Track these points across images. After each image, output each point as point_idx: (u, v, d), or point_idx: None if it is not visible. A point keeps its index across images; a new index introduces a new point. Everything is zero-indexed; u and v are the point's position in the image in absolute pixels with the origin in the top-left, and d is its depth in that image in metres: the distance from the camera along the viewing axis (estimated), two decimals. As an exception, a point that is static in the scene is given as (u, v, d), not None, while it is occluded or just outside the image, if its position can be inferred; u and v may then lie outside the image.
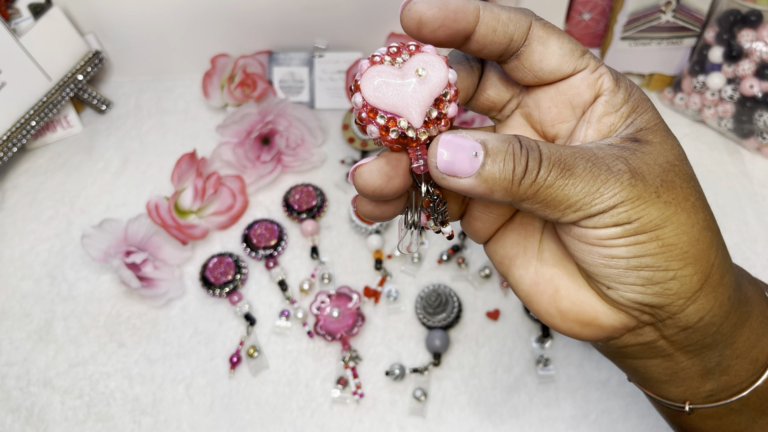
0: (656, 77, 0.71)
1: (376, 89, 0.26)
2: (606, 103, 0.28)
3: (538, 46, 0.27)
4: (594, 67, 0.28)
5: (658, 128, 0.28)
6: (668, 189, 0.26)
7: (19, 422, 0.56)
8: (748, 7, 0.62)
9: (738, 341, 0.30)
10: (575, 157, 0.26)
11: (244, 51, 0.74)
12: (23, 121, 0.67)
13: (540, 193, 0.25)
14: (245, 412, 0.56)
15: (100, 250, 0.60)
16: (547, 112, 0.29)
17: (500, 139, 0.26)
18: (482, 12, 0.26)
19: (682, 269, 0.26)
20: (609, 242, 0.26)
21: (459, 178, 0.26)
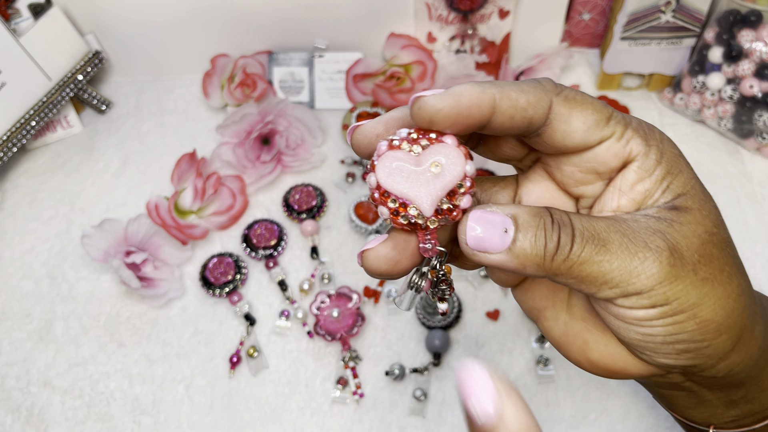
0: (656, 77, 0.71)
1: (390, 174, 0.26)
2: (638, 168, 0.26)
3: (560, 125, 0.26)
4: (621, 133, 0.26)
5: (695, 191, 0.27)
6: (706, 264, 0.25)
7: (19, 422, 0.56)
8: (748, 7, 0.62)
9: (765, 378, 0.30)
10: (610, 231, 0.25)
11: (244, 51, 0.74)
12: (23, 121, 0.67)
13: (574, 270, 0.25)
14: (245, 412, 0.56)
15: (100, 250, 0.60)
16: (571, 176, 0.28)
17: (531, 213, 0.25)
18: (498, 102, 0.25)
19: (716, 339, 0.26)
20: (646, 322, 0.26)
21: (490, 254, 0.25)
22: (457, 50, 0.72)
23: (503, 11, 0.69)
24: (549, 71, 0.71)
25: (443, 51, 0.72)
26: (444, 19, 0.70)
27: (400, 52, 0.71)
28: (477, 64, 0.72)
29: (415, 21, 0.71)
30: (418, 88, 0.70)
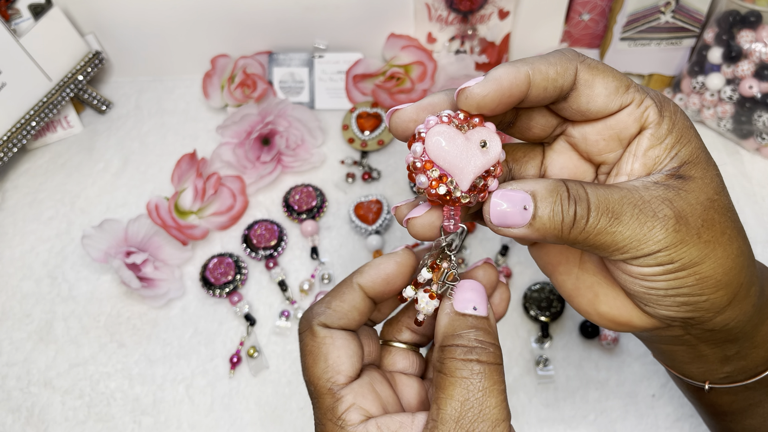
0: (655, 78, 0.71)
1: (438, 145, 0.28)
2: (651, 136, 0.29)
3: (584, 90, 0.29)
4: (639, 100, 0.29)
5: (700, 161, 0.29)
6: (708, 228, 0.28)
7: (19, 422, 0.56)
8: (748, 7, 0.62)
9: (758, 336, 0.32)
10: (623, 203, 0.27)
11: (244, 51, 0.74)
12: (23, 121, 0.67)
13: (590, 239, 0.27)
14: (245, 413, 0.56)
15: (101, 250, 0.60)
16: (595, 145, 0.31)
17: (548, 189, 0.27)
18: (532, 77, 0.27)
19: (714, 293, 0.29)
20: (651, 277, 0.28)
21: (512, 228, 0.28)
22: (457, 51, 0.72)
23: (503, 12, 0.69)
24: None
25: (443, 51, 0.72)
26: (444, 19, 0.70)
27: (400, 53, 0.72)
28: (477, 65, 0.72)
29: (415, 21, 0.71)
30: (417, 88, 0.70)
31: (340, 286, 0.31)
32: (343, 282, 0.31)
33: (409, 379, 0.34)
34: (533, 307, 0.59)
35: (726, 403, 0.37)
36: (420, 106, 0.29)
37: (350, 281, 0.31)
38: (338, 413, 0.29)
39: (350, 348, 0.30)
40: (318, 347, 0.30)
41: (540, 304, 0.59)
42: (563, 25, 0.71)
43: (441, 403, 0.27)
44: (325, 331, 0.31)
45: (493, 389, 0.27)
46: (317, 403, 0.30)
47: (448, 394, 0.27)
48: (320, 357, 0.30)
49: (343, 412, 0.29)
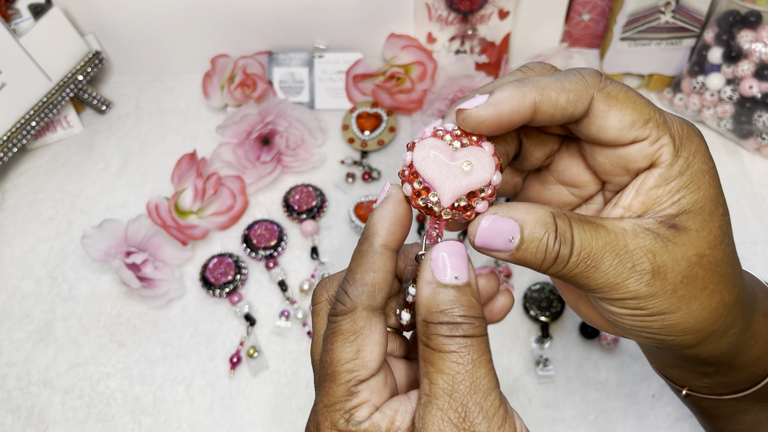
0: (656, 78, 0.71)
1: (425, 158, 0.28)
2: (659, 176, 0.28)
3: (596, 120, 0.28)
4: (655, 137, 0.28)
5: (703, 211, 0.28)
6: (687, 284, 0.28)
7: (19, 422, 0.56)
8: (748, 7, 0.62)
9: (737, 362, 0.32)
10: (605, 252, 0.27)
11: (244, 51, 0.74)
12: (23, 121, 0.67)
13: (565, 276, 0.28)
14: (245, 413, 0.56)
15: (101, 250, 0.60)
16: (601, 166, 0.30)
17: (538, 221, 0.27)
18: (539, 104, 0.27)
19: (681, 336, 0.29)
20: (619, 318, 0.29)
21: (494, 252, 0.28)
22: (457, 51, 0.72)
23: (503, 12, 0.69)
24: (549, 72, 0.71)
25: (443, 51, 0.72)
26: (444, 19, 0.70)
27: (400, 53, 0.72)
28: (477, 65, 0.72)
29: (415, 21, 0.71)
30: (417, 88, 0.70)
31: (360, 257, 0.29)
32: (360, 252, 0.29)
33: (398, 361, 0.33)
34: (533, 307, 0.59)
35: (710, 407, 0.37)
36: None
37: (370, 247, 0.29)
38: (348, 407, 0.28)
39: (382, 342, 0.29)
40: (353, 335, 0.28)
41: (540, 304, 0.59)
42: (563, 25, 0.71)
43: (432, 378, 0.27)
44: (366, 319, 0.28)
45: (481, 360, 0.27)
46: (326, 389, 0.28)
47: (438, 369, 0.27)
48: (354, 345, 0.28)
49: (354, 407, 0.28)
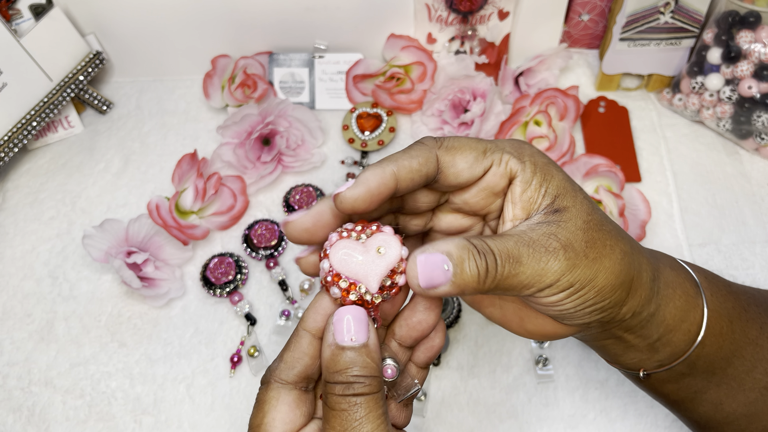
0: (655, 78, 0.72)
1: (342, 259, 0.31)
2: (520, 182, 0.33)
3: (449, 170, 0.33)
4: (498, 159, 0.33)
5: (567, 190, 0.34)
6: (592, 246, 0.32)
7: (20, 422, 0.56)
8: (747, 8, 0.62)
9: (667, 318, 0.37)
10: (519, 247, 0.31)
11: (244, 52, 0.74)
12: (24, 121, 0.68)
13: (501, 285, 0.31)
14: (246, 412, 0.56)
15: (101, 250, 0.60)
16: (476, 204, 0.35)
17: (459, 246, 0.31)
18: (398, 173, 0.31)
19: (613, 295, 0.33)
20: (559, 303, 0.32)
21: (438, 288, 0.31)
22: (457, 51, 0.73)
23: (503, 12, 0.69)
24: (548, 72, 0.72)
25: (443, 52, 0.72)
26: (444, 20, 0.70)
27: (400, 53, 0.72)
28: (476, 65, 0.72)
29: (415, 22, 0.71)
30: (417, 89, 0.70)
31: (290, 337, 0.34)
32: (292, 333, 0.34)
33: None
34: (533, 306, 0.59)
35: (672, 392, 0.40)
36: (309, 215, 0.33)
37: (297, 329, 0.33)
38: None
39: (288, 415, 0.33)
40: (263, 404, 0.33)
41: (540, 303, 0.59)
42: (563, 25, 0.72)
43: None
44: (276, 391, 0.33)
45: (369, 416, 0.30)
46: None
47: (331, 426, 0.30)
48: (260, 412, 0.33)
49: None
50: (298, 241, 0.33)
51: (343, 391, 0.30)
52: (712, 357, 0.38)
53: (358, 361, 0.30)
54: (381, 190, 0.31)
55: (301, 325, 0.33)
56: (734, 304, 0.40)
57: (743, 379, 0.39)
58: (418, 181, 0.32)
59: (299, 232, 0.33)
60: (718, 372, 0.39)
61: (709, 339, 0.38)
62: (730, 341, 0.39)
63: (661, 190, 0.66)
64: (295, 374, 0.33)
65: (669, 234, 0.64)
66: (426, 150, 0.32)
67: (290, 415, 0.33)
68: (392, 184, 0.31)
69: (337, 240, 0.32)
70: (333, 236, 0.32)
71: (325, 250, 0.32)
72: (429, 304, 0.34)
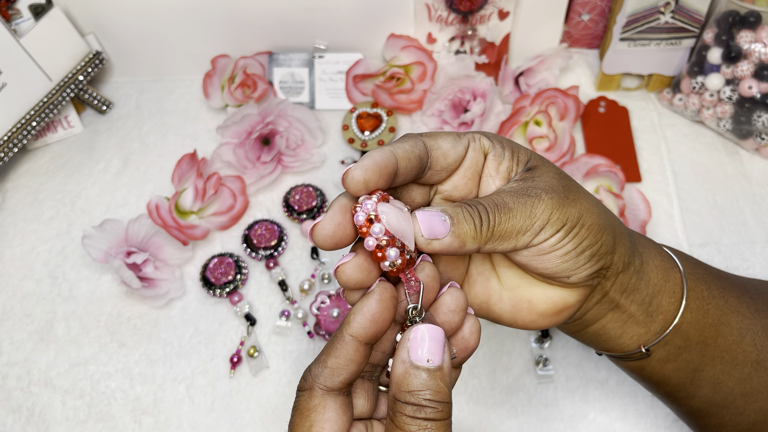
0: (655, 78, 0.72)
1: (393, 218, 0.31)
2: (494, 156, 0.36)
3: (436, 152, 0.35)
4: (472, 137, 0.36)
5: (535, 156, 0.37)
6: (569, 190, 0.35)
7: (20, 422, 0.56)
8: (747, 8, 0.62)
9: (652, 277, 0.39)
10: (507, 199, 0.34)
11: (244, 52, 0.74)
12: (24, 121, 0.68)
13: (496, 232, 0.33)
14: (246, 412, 0.56)
15: (101, 250, 0.60)
16: (465, 187, 0.36)
17: (452, 205, 0.33)
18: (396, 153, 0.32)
19: (602, 237, 0.35)
20: (559, 245, 0.34)
21: (439, 239, 0.32)
22: (457, 51, 0.73)
23: (503, 12, 0.69)
24: (548, 72, 0.72)
25: (443, 52, 0.72)
26: (444, 20, 0.70)
27: (400, 53, 0.72)
28: (476, 65, 0.72)
29: (415, 22, 0.71)
30: (417, 88, 0.70)
31: (332, 340, 0.33)
32: (335, 335, 0.33)
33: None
34: (533, 306, 0.59)
35: (673, 372, 0.41)
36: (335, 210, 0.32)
37: (341, 334, 0.32)
38: None
39: (336, 421, 0.32)
40: (308, 411, 0.32)
41: (540, 303, 0.59)
42: (563, 25, 0.72)
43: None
44: (321, 398, 0.32)
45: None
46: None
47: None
48: (307, 421, 0.32)
49: None
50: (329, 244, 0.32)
51: (414, 413, 0.29)
52: (701, 323, 0.40)
53: (431, 384, 0.30)
54: (387, 165, 0.31)
55: (347, 330, 0.32)
56: (705, 271, 0.42)
57: (734, 351, 0.41)
58: (414, 163, 0.33)
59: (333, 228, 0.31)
60: (710, 343, 0.40)
61: (694, 303, 0.40)
62: (714, 306, 0.40)
63: (661, 190, 0.66)
64: (340, 381, 0.32)
65: (669, 234, 0.64)
66: (412, 138, 0.34)
67: (338, 423, 0.32)
68: (394, 161, 0.32)
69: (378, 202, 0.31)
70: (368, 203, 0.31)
71: (369, 216, 0.31)
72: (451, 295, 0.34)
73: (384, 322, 0.32)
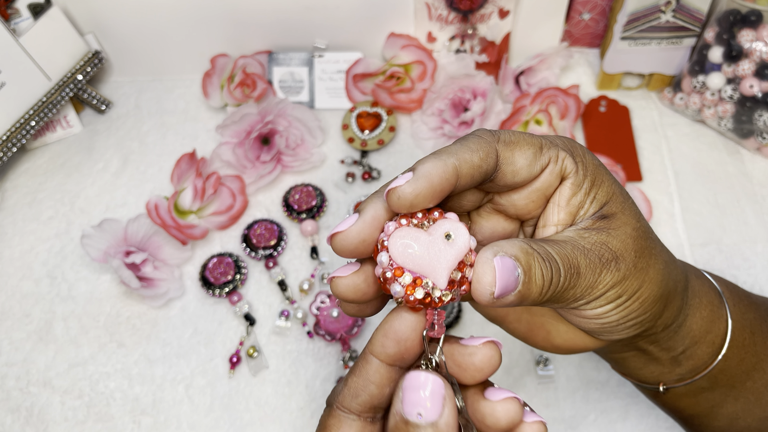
0: (656, 77, 0.71)
1: (404, 249, 0.26)
2: (572, 185, 0.30)
3: (507, 167, 0.29)
4: (555, 156, 0.30)
5: (616, 196, 0.31)
6: (640, 256, 0.30)
7: (19, 422, 0.56)
8: (748, 6, 0.62)
9: (693, 329, 0.35)
10: (576, 256, 0.29)
11: (243, 51, 0.74)
12: (23, 121, 0.67)
13: (556, 296, 0.28)
14: (245, 413, 0.56)
15: (100, 250, 0.60)
16: (524, 208, 0.31)
17: (525, 251, 0.27)
18: (460, 169, 0.27)
19: (653, 307, 0.32)
20: (604, 315, 0.30)
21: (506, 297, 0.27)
22: (457, 50, 0.72)
23: (503, 11, 0.68)
24: (549, 71, 0.71)
25: (443, 51, 0.72)
26: (444, 18, 0.70)
27: (400, 52, 0.71)
28: (477, 64, 0.72)
29: (415, 21, 0.71)
30: (417, 87, 0.70)
31: (358, 359, 0.29)
32: (361, 353, 0.29)
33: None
34: (533, 306, 0.59)
35: (689, 406, 0.39)
36: (365, 222, 0.27)
37: (364, 351, 0.29)
38: None
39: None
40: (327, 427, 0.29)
41: (540, 303, 0.59)
42: (563, 24, 0.71)
43: None
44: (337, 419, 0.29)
45: None
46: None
47: None
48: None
49: None
50: (351, 255, 0.28)
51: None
52: (734, 370, 0.37)
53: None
54: (444, 186, 0.27)
55: (368, 348, 0.28)
56: (755, 314, 0.38)
57: (762, 393, 0.38)
58: (477, 178, 0.28)
59: (356, 243, 0.27)
60: (738, 386, 0.37)
61: (732, 351, 0.36)
62: (752, 354, 0.37)
63: (662, 190, 0.66)
64: (359, 403, 0.29)
65: (670, 233, 0.63)
66: (486, 144, 0.28)
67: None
68: (453, 180, 0.27)
69: (396, 228, 0.27)
70: (390, 225, 0.27)
71: (382, 242, 0.27)
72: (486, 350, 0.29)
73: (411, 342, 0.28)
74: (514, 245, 0.27)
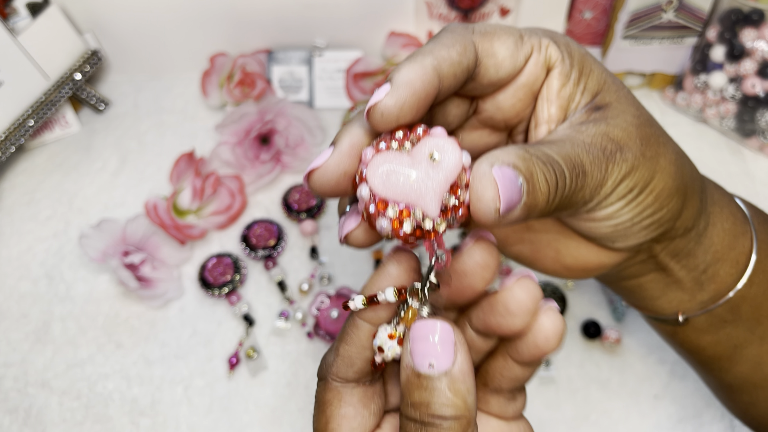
0: (658, 76, 0.71)
1: (385, 178, 0.23)
2: (559, 74, 0.28)
3: (488, 60, 0.26)
4: (538, 43, 0.28)
5: (608, 86, 0.28)
6: (647, 144, 0.28)
7: (17, 423, 0.56)
8: (750, 6, 0.61)
9: (715, 242, 0.32)
10: (578, 154, 0.26)
11: (243, 50, 0.74)
12: (21, 120, 0.67)
13: (564, 202, 0.26)
14: (244, 414, 0.56)
15: (98, 250, 0.60)
16: (512, 109, 0.29)
17: (519, 155, 0.24)
18: (440, 68, 0.25)
19: (670, 202, 0.29)
20: (616, 214, 0.28)
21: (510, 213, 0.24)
22: (458, 49, 0.72)
23: (504, 10, 0.68)
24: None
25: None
26: (444, 17, 0.69)
27: (400, 51, 0.71)
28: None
29: (415, 19, 0.70)
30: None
31: (344, 327, 0.27)
32: (347, 319, 0.27)
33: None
34: (534, 307, 0.58)
35: (710, 345, 0.35)
36: (342, 152, 0.24)
37: (352, 318, 0.27)
38: None
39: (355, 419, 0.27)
40: (324, 405, 0.28)
41: (541, 304, 0.58)
42: (565, 23, 0.71)
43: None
44: (336, 391, 0.27)
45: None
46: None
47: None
48: (323, 416, 0.28)
49: None
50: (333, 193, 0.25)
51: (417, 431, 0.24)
52: (759, 300, 0.33)
53: (438, 395, 0.23)
54: (428, 90, 0.24)
55: (356, 314, 0.27)
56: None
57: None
58: (460, 77, 0.25)
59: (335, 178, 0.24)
60: (764, 321, 0.34)
61: (758, 276, 0.33)
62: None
63: (663, 190, 0.66)
64: (355, 371, 0.27)
65: (672, 234, 0.63)
66: (460, 37, 0.26)
67: (358, 418, 0.27)
68: (436, 82, 0.24)
69: (374, 155, 0.24)
70: (368, 152, 0.24)
71: (361, 173, 0.24)
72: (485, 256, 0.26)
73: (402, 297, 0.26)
74: (509, 153, 0.24)
